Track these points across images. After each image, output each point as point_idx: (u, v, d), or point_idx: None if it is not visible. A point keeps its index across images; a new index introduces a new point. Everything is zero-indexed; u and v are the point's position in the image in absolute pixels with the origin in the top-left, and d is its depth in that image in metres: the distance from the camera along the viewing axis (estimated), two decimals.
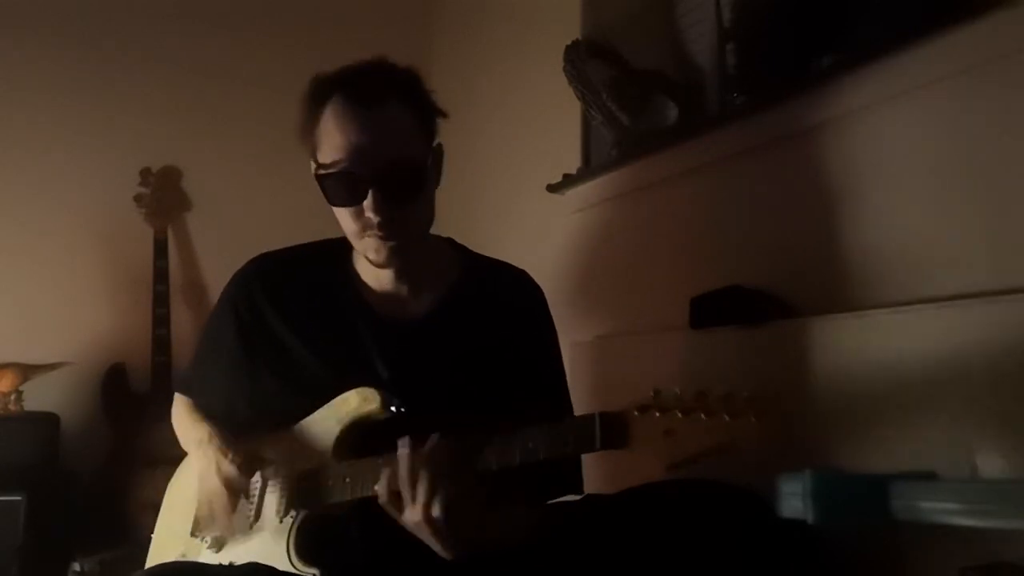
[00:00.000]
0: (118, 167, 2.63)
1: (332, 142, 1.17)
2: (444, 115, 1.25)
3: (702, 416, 0.92)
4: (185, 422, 1.41)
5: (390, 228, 1.19)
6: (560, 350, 1.39)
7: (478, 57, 2.73)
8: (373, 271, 1.29)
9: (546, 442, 1.02)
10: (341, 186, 1.17)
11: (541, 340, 1.37)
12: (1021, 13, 1.20)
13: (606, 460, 1.38)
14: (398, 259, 1.23)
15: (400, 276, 1.29)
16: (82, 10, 2.62)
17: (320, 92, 1.20)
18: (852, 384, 1.35)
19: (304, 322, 1.31)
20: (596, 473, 1.38)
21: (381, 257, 1.22)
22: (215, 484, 1.26)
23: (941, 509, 0.56)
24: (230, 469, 1.25)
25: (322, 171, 1.18)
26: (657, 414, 0.95)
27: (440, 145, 1.27)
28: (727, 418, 0.90)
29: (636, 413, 0.96)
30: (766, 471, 0.73)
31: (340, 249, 1.34)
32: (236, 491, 1.25)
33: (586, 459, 1.35)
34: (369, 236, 1.20)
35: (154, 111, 2.69)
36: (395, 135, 1.17)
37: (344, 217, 1.21)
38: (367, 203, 1.16)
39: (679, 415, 0.93)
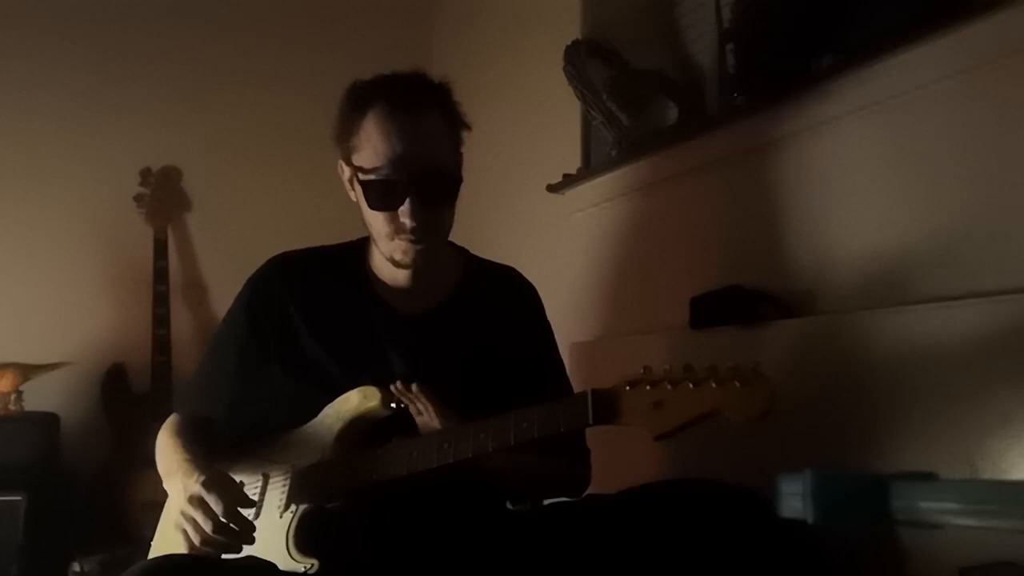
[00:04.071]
0: (118, 167, 2.63)
1: (375, 148, 1.20)
2: (469, 128, 1.30)
3: (690, 386, 0.95)
4: (165, 451, 1.35)
5: (422, 232, 1.23)
6: (555, 340, 1.45)
7: (478, 57, 2.73)
8: (388, 270, 1.32)
9: (540, 420, 1.04)
10: (382, 191, 1.22)
11: (540, 332, 1.43)
12: (1021, 13, 1.20)
13: (606, 459, 1.38)
14: (423, 261, 1.27)
15: (416, 275, 1.31)
16: (82, 10, 2.62)
17: (362, 98, 1.24)
18: (852, 384, 1.35)
19: (322, 320, 1.33)
20: (597, 473, 1.38)
21: (408, 258, 1.26)
22: (184, 507, 1.17)
23: (941, 509, 0.56)
24: (194, 488, 1.16)
25: (363, 176, 1.22)
26: (647, 388, 0.98)
27: (462, 154, 1.31)
28: (713, 386, 0.93)
29: (627, 388, 0.99)
30: (764, 468, 0.73)
31: (355, 250, 1.38)
32: (204, 509, 1.14)
33: None
34: (400, 239, 1.24)
35: (154, 111, 2.69)
36: (434, 143, 1.23)
37: (377, 219, 1.24)
38: (403, 208, 1.21)
39: (668, 387, 0.96)
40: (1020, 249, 1.21)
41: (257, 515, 1.26)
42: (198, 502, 1.14)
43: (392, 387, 1.21)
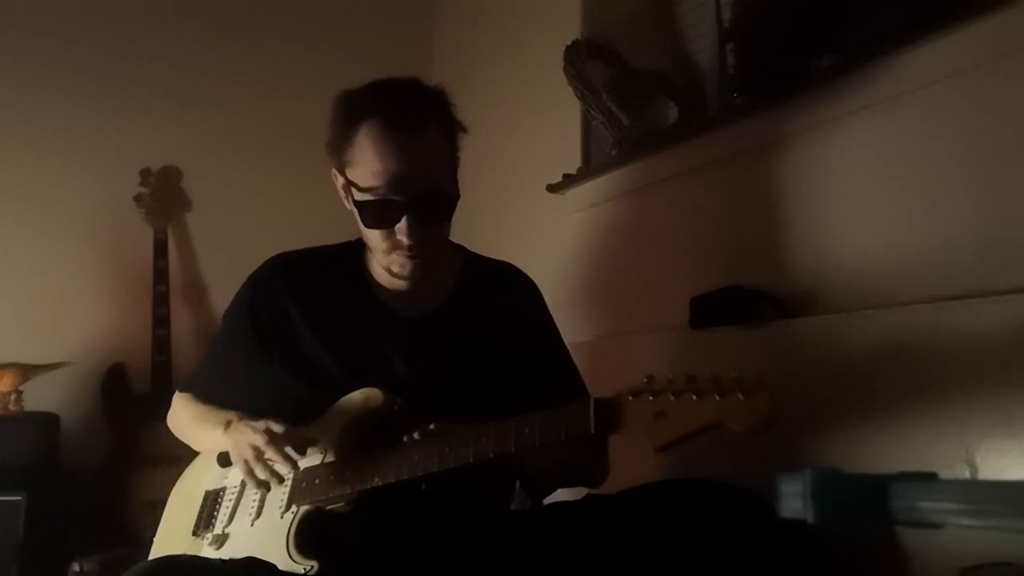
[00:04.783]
0: (118, 167, 2.63)
1: (370, 167, 1.18)
2: (466, 131, 1.28)
3: (693, 397, 0.94)
4: (197, 414, 1.40)
5: (419, 248, 1.22)
6: (559, 332, 1.45)
7: (478, 57, 2.73)
8: (387, 275, 1.31)
9: (542, 428, 1.04)
10: (378, 211, 1.20)
11: (544, 327, 1.43)
12: (1021, 13, 1.20)
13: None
14: (421, 274, 1.27)
15: (414, 282, 1.31)
16: (82, 10, 2.62)
17: (355, 110, 1.21)
18: (852, 384, 1.35)
19: (321, 320, 1.33)
20: None
21: (406, 272, 1.26)
22: (253, 438, 1.21)
23: (941, 509, 0.56)
24: (266, 423, 1.22)
25: (359, 195, 1.21)
26: (650, 398, 0.97)
27: (459, 158, 1.29)
28: (717, 398, 0.92)
29: (630, 398, 0.99)
30: (764, 468, 0.73)
31: (354, 250, 1.37)
32: (277, 436, 1.20)
33: None
34: (397, 254, 1.24)
35: (154, 111, 2.69)
36: (431, 162, 1.21)
37: (373, 234, 1.24)
38: (400, 226, 1.20)
39: (671, 397, 0.95)
40: (1020, 249, 1.21)
41: (258, 515, 1.26)
42: (264, 430, 1.21)
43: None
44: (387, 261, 1.26)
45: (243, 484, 1.32)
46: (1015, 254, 1.21)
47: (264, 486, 1.23)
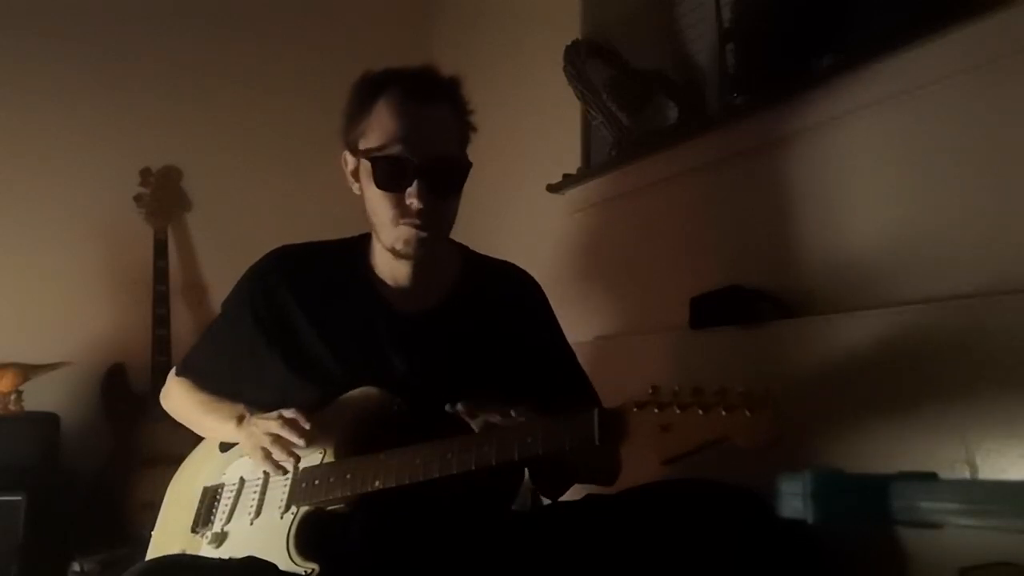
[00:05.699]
0: (118, 167, 2.63)
1: (385, 128, 1.22)
2: (475, 129, 1.30)
3: (699, 411, 0.93)
4: (203, 402, 1.41)
5: (428, 218, 1.23)
6: (564, 334, 1.45)
7: (478, 57, 2.73)
8: (389, 266, 1.32)
9: (545, 437, 1.03)
10: (391, 169, 1.22)
11: (548, 326, 1.43)
12: (1021, 13, 1.20)
13: None
14: (425, 251, 1.26)
15: (416, 271, 1.31)
16: (82, 11, 2.62)
17: (373, 86, 1.25)
18: (852, 384, 1.35)
19: (321, 316, 1.33)
20: None
21: (411, 247, 1.25)
22: (269, 425, 1.25)
23: (941, 509, 0.56)
24: (278, 412, 1.25)
25: (373, 153, 1.22)
26: (655, 410, 0.96)
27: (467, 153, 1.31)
28: (723, 412, 0.91)
29: (635, 409, 0.98)
30: (764, 468, 0.73)
31: (356, 245, 1.37)
32: (291, 420, 1.23)
33: None
34: (405, 224, 1.23)
35: (154, 111, 2.69)
36: (443, 133, 1.24)
37: (383, 203, 1.24)
38: (411, 190, 1.20)
39: (676, 411, 0.95)
40: (1020, 249, 1.21)
41: (258, 514, 1.26)
42: (278, 417, 1.25)
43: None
44: (394, 236, 1.25)
45: (242, 481, 1.32)
46: (1015, 254, 1.22)
47: (281, 470, 1.26)
